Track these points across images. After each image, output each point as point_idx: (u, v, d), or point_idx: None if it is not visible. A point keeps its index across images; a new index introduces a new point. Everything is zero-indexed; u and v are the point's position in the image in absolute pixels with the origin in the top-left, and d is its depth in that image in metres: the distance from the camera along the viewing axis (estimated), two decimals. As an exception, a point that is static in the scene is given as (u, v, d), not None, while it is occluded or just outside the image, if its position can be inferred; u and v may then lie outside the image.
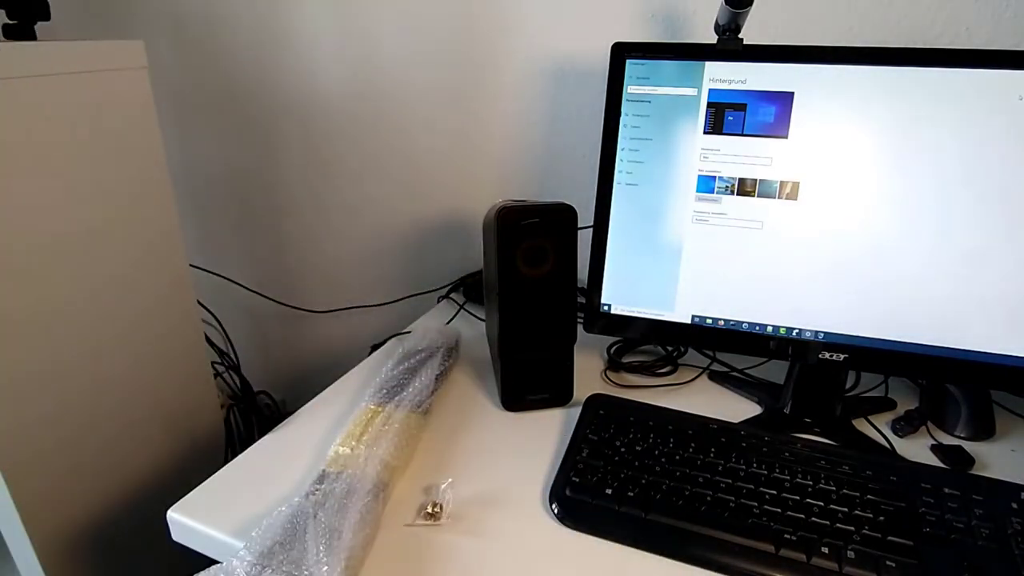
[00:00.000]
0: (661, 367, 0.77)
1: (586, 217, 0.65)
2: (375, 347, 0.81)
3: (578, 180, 0.92)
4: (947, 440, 0.65)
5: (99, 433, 0.82)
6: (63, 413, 0.76)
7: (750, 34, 0.60)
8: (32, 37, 0.72)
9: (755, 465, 0.55)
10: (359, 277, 1.15)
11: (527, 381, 0.67)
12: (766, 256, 0.62)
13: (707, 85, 0.61)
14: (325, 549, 0.45)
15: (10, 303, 0.66)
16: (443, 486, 0.54)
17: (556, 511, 0.52)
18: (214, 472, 0.58)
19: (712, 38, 0.61)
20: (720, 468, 0.55)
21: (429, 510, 0.52)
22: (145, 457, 0.90)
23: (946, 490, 0.52)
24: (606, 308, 0.68)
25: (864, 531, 0.49)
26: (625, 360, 0.78)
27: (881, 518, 0.50)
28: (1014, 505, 0.51)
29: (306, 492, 0.52)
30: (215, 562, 0.46)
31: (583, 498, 0.53)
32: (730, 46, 0.60)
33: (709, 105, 0.61)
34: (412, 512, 0.53)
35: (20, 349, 0.68)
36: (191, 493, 0.55)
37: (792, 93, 0.58)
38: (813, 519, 0.50)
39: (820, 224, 0.60)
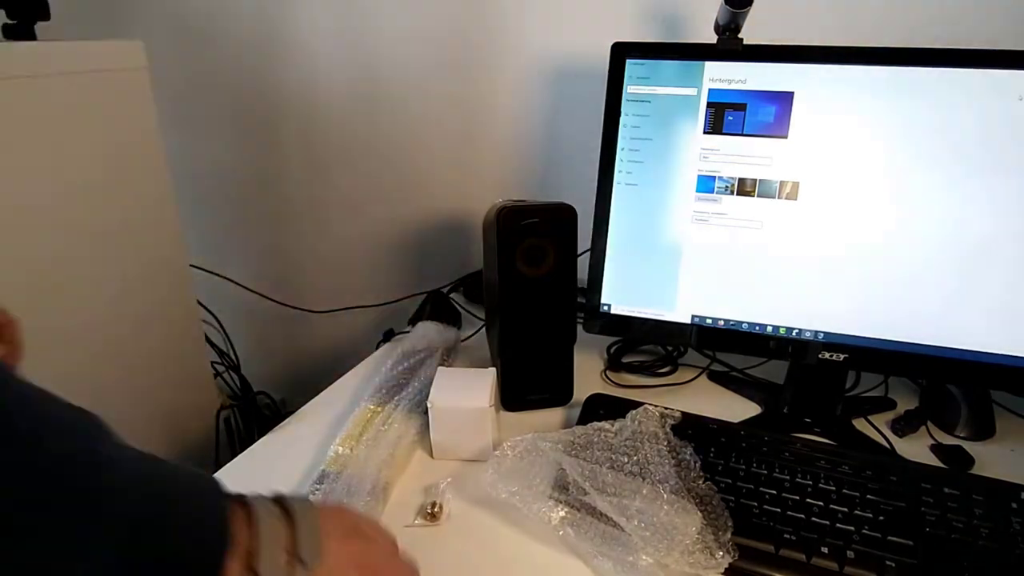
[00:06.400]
0: (661, 367, 0.77)
1: (586, 217, 0.65)
2: (385, 338, 0.83)
3: (578, 180, 0.92)
4: (947, 440, 0.64)
5: (99, 433, 0.82)
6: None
7: (750, 34, 0.60)
8: (32, 37, 0.72)
9: (755, 465, 0.55)
10: (359, 277, 1.15)
11: (527, 381, 0.67)
12: (766, 256, 0.62)
13: (707, 85, 0.61)
14: (325, 549, 0.45)
15: (9, 303, 0.66)
16: (443, 486, 0.54)
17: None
18: (213, 472, 0.58)
19: (712, 38, 0.61)
20: (720, 468, 0.55)
21: (429, 510, 0.52)
22: (145, 457, 0.90)
23: (946, 490, 0.52)
24: (606, 308, 0.68)
25: (864, 531, 0.49)
26: (625, 360, 0.78)
27: (881, 518, 0.50)
28: (1014, 505, 0.51)
29: (306, 492, 0.52)
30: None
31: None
32: (730, 46, 0.60)
33: (709, 105, 0.61)
34: (412, 512, 0.53)
35: (19, 350, 0.68)
36: (191, 493, 0.55)
37: (792, 93, 0.58)
38: (813, 519, 0.50)
39: (820, 224, 0.60)
